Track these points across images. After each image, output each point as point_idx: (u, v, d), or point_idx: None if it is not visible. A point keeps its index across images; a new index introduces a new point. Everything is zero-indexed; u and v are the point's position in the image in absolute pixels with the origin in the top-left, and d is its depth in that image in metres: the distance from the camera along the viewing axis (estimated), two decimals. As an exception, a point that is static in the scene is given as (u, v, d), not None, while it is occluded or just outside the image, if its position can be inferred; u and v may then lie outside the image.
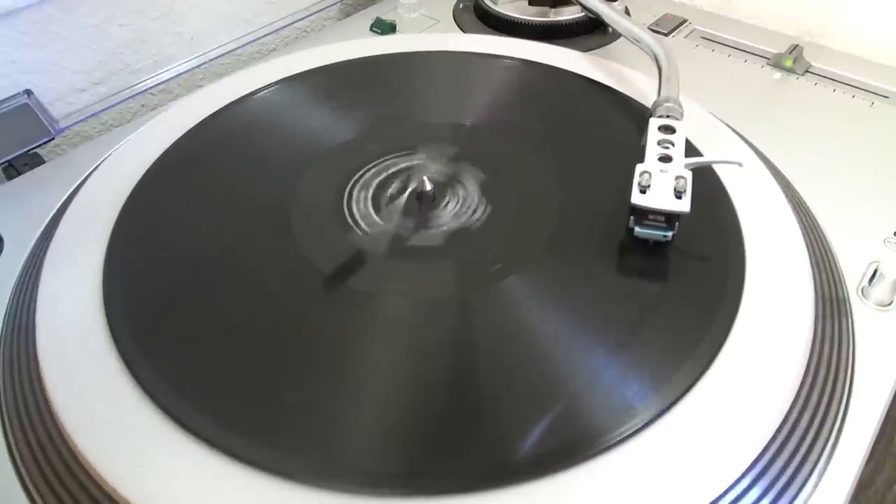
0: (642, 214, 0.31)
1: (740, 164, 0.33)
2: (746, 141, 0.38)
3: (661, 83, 0.39)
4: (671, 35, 0.52)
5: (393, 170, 0.37)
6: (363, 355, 0.28)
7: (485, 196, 0.35)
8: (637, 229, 0.31)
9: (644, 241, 0.31)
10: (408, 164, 0.37)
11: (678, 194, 0.30)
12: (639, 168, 0.31)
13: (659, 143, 0.33)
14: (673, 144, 0.33)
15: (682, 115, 0.36)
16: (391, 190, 0.36)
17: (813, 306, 0.29)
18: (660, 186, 0.31)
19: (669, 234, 0.31)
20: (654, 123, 0.35)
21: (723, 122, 0.39)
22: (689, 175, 0.31)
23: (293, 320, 0.30)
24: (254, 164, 0.38)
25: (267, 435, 0.25)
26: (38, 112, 0.43)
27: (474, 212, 0.34)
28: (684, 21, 0.54)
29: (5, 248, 0.36)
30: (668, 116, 0.35)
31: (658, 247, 0.31)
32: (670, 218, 0.30)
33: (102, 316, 0.30)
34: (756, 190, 0.34)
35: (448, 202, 0.35)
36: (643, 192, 0.30)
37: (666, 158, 0.32)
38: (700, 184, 0.33)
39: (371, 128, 0.40)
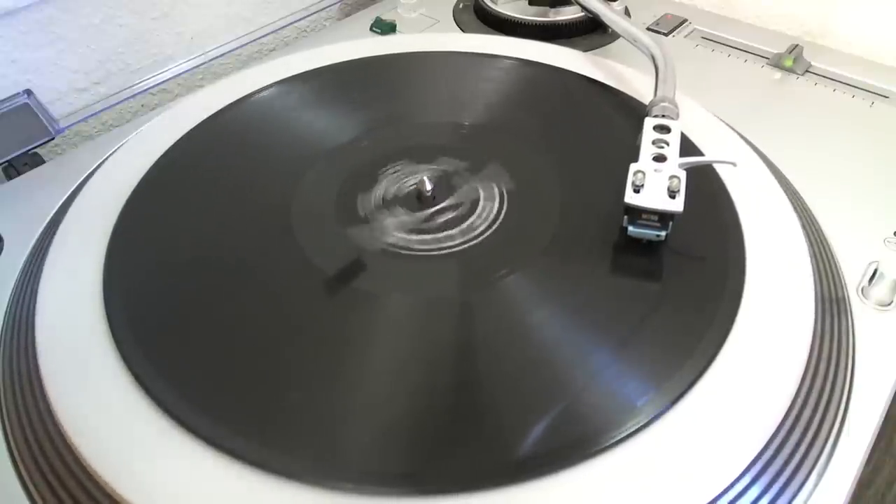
0: (636, 214, 0.31)
1: (734, 164, 0.33)
2: (746, 140, 0.38)
3: (657, 83, 0.39)
4: (671, 35, 0.52)
5: (393, 170, 0.37)
6: (364, 355, 0.28)
7: (485, 195, 0.35)
8: (631, 229, 0.31)
9: (640, 240, 0.31)
10: (408, 163, 0.37)
11: (672, 194, 0.30)
12: (633, 167, 0.31)
13: (654, 143, 0.33)
14: (668, 144, 0.33)
15: (677, 114, 0.36)
16: (390, 189, 0.36)
17: (813, 306, 0.29)
18: (653, 186, 0.31)
19: (663, 233, 0.31)
20: (649, 123, 0.35)
21: (723, 121, 0.39)
22: (683, 175, 0.31)
23: (294, 320, 0.30)
24: (254, 165, 0.38)
25: (267, 435, 0.25)
26: (38, 112, 0.43)
27: (475, 211, 0.34)
28: (684, 21, 0.54)
29: (5, 248, 0.36)
30: (663, 116, 0.35)
31: (656, 246, 0.31)
32: (664, 217, 0.30)
33: (103, 315, 0.30)
34: (757, 189, 0.34)
35: (448, 202, 0.35)
36: (637, 191, 0.30)
37: (660, 158, 0.32)
38: (701, 183, 0.33)
39: (371, 128, 0.40)
